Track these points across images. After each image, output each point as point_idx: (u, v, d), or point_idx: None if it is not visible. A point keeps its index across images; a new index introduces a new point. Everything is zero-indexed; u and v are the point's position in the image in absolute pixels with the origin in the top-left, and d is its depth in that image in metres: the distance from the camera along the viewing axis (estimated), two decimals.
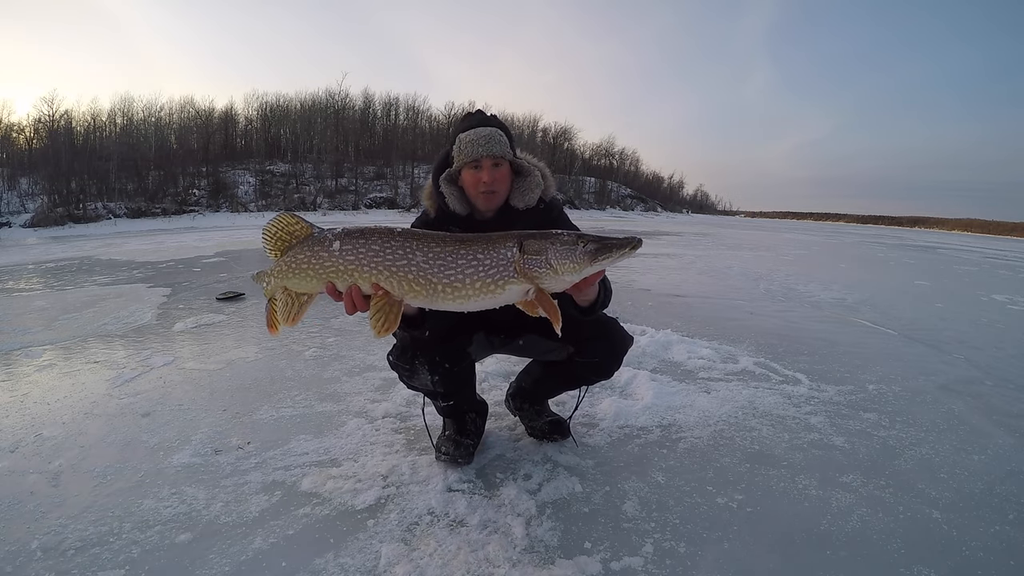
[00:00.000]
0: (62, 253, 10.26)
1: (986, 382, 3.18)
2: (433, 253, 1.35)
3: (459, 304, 1.37)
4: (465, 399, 1.97)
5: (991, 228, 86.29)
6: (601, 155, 70.60)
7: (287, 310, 1.45)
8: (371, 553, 1.47)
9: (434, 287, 1.35)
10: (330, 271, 1.38)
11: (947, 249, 19.18)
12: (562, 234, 1.35)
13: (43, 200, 24.17)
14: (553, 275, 1.33)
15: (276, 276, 1.44)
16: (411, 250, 1.35)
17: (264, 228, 1.46)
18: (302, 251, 1.40)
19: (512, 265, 1.34)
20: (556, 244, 1.33)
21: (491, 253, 1.35)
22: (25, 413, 2.36)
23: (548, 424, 2.13)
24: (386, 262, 1.35)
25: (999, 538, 1.65)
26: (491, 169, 1.70)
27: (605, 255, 1.32)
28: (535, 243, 1.34)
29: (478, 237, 1.38)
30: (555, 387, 2.16)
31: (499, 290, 1.35)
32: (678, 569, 1.45)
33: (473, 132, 1.71)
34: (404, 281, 1.35)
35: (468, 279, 1.34)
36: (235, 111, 40.90)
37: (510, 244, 1.35)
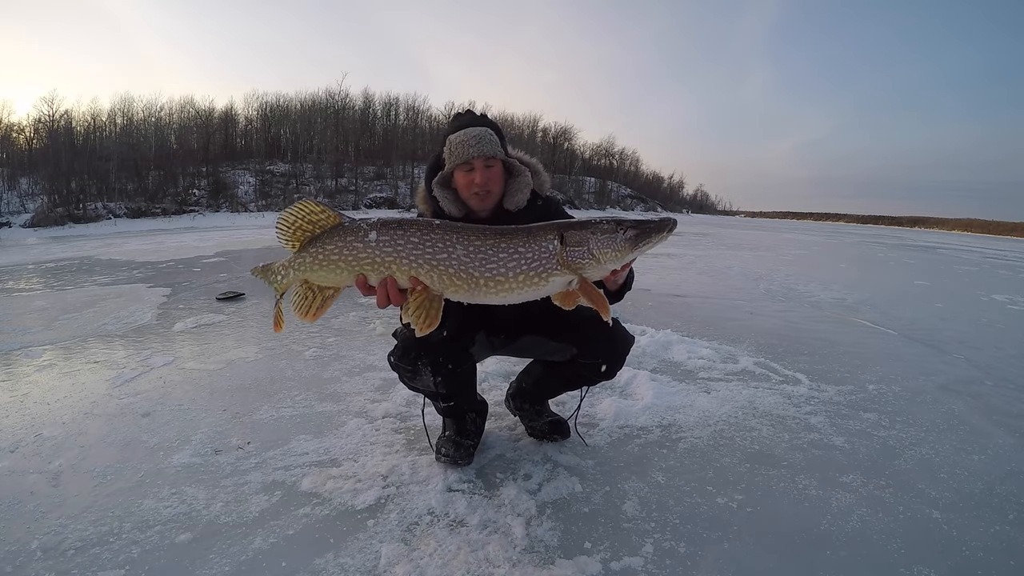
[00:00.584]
0: (62, 253, 10.26)
1: (986, 382, 3.18)
2: (474, 247, 1.32)
3: (501, 298, 1.36)
4: (466, 399, 1.96)
5: (991, 228, 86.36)
6: (601, 155, 70.63)
7: (306, 303, 1.38)
8: (371, 553, 1.47)
9: (476, 281, 1.33)
10: (365, 263, 1.33)
11: (947, 249, 19.18)
12: (601, 223, 1.34)
13: (43, 200, 24.17)
14: (596, 264, 1.32)
15: (297, 268, 1.37)
16: (451, 243, 1.32)
17: (281, 216, 1.37)
18: (332, 241, 1.33)
19: (555, 257, 1.33)
20: (597, 233, 1.32)
21: (532, 246, 1.33)
22: (25, 413, 2.36)
23: (548, 424, 2.12)
24: (426, 255, 1.31)
25: (999, 538, 1.65)
26: (483, 170, 1.67)
27: (645, 240, 1.32)
28: (576, 234, 1.33)
29: (518, 230, 1.36)
30: (556, 388, 2.14)
31: (543, 282, 1.34)
32: (678, 569, 1.45)
33: (463, 133, 1.67)
34: (445, 275, 1.32)
35: (511, 272, 1.33)
36: (235, 111, 40.91)
37: (551, 236, 1.34)
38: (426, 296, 1.33)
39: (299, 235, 1.36)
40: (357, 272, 1.34)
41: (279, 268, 1.41)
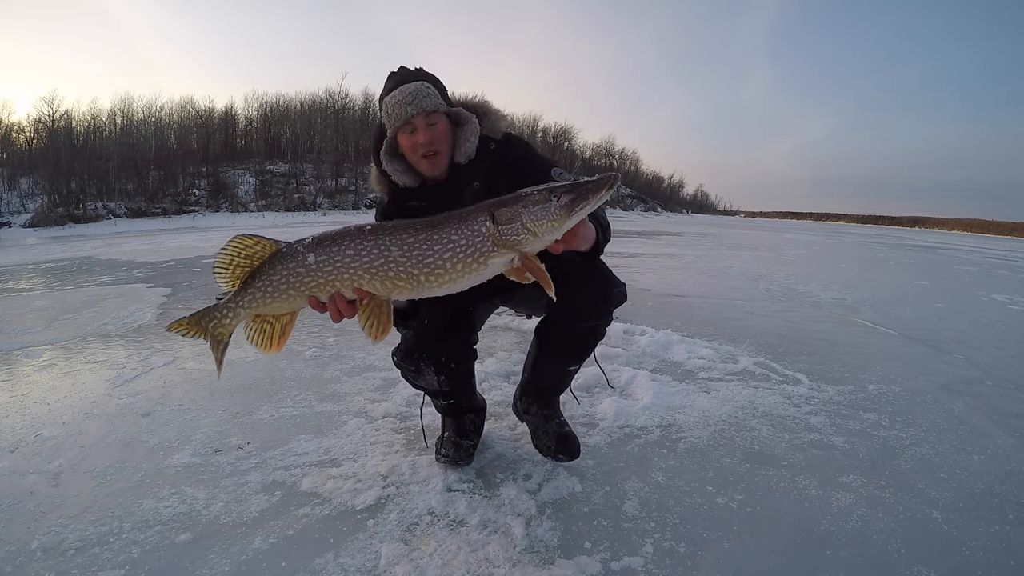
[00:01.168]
0: (62, 253, 10.27)
1: (986, 382, 3.18)
2: (407, 245, 1.29)
3: (446, 289, 1.33)
4: (465, 397, 1.96)
5: (991, 228, 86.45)
6: (601, 155, 70.66)
7: (267, 335, 1.36)
8: (371, 553, 1.47)
9: (416, 279, 1.31)
10: (311, 286, 1.31)
11: (947, 249, 19.18)
12: (532, 193, 1.27)
13: (43, 200, 24.17)
14: (534, 238, 1.27)
15: (248, 306, 1.33)
16: (385, 246, 1.29)
17: (218, 259, 1.33)
18: (275, 271, 1.31)
19: (489, 238, 1.29)
20: (529, 206, 1.26)
21: (464, 231, 1.29)
22: (25, 413, 2.36)
23: (556, 439, 1.92)
24: (364, 265, 1.29)
25: (999, 538, 1.65)
26: (426, 128, 1.55)
27: (582, 203, 1.25)
28: (507, 210, 1.27)
29: (448, 217, 1.32)
30: (555, 364, 1.91)
31: (482, 267, 1.31)
32: (678, 569, 1.45)
33: (397, 91, 1.54)
34: (386, 279, 1.30)
35: (448, 263, 1.30)
36: (235, 111, 40.92)
37: (481, 218, 1.29)
38: (373, 304, 1.32)
39: (239, 272, 1.33)
40: (307, 296, 1.32)
41: (224, 310, 1.34)
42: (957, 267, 11.45)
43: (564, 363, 1.91)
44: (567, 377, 1.96)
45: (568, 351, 1.85)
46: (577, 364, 1.90)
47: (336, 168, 38.53)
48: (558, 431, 1.92)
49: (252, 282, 1.32)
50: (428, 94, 1.54)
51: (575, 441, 1.92)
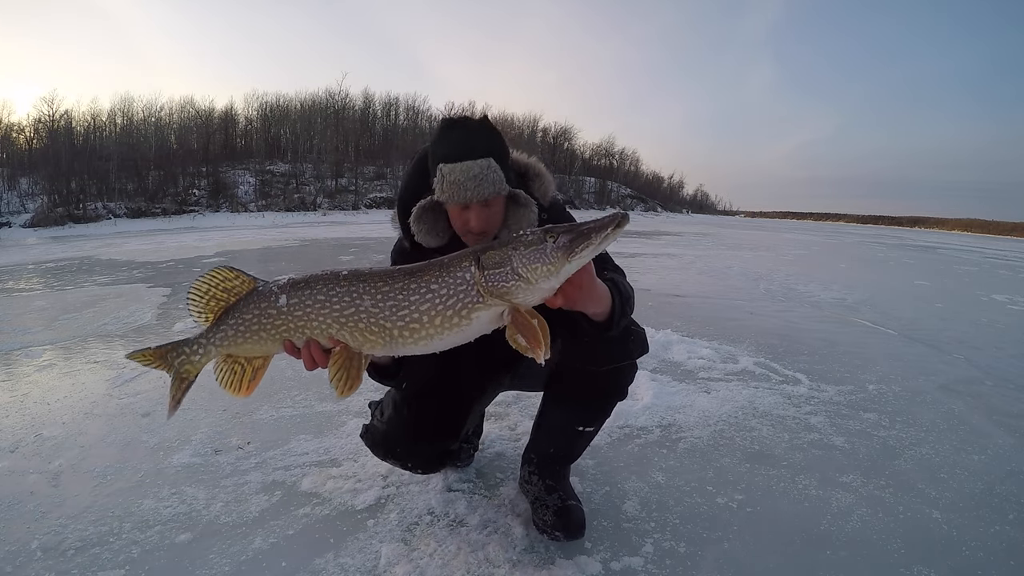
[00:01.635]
0: (62, 253, 10.26)
1: (986, 382, 3.18)
2: (382, 294, 1.16)
3: (423, 346, 1.18)
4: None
5: (991, 228, 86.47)
6: (601, 155, 70.66)
7: (237, 378, 1.25)
8: (371, 553, 1.47)
9: (389, 332, 1.16)
10: (282, 329, 1.20)
11: (947, 249, 19.18)
12: (524, 234, 1.13)
13: (43, 200, 24.17)
14: (526, 286, 1.10)
15: (219, 344, 1.23)
16: (358, 294, 1.17)
17: (193, 286, 1.23)
18: (248, 310, 1.21)
19: (474, 287, 1.13)
20: (520, 247, 1.11)
21: (445, 279, 1.14)
22: (25, 413, 2.36)
23: (553, 513, 1.55)
24: (334, 313, 1.18)
25: (999, 538, 1.65)
26: (480, 212, 1.35)
27: (583, 244, 1.07)
28: (495, 254, 1.12)
29: (430, 265, 1.17)
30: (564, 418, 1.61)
31: (464, 321, 1.14)
32: (678, 569, 1.45)
33: (460, 169, 1.31)
34: (356, 331, 1.18)
35: (425, 316, 1.14)
36: (235, 111, 40.97)
37: (465, 264, 1.14)
38: (345, 356, 1.20)
39: (212, 305, 1.23)
40: (280, 339, 1.22)
41: (194, 346, 1.24)
42: (957, 267, 11.45)
43: (575, 419, 1.60)
44: (579, 441, 1.65)
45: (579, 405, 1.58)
46: (591, 424, 1.61)
47: (336, 168, 38.53)
48: (558, 504, 1.57)
49: (225, 319, 1.22)
50: (493, 180, 1.32)
51: (578, 515, 1.56)
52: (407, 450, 1.56)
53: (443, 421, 1.55)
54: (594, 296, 1.22)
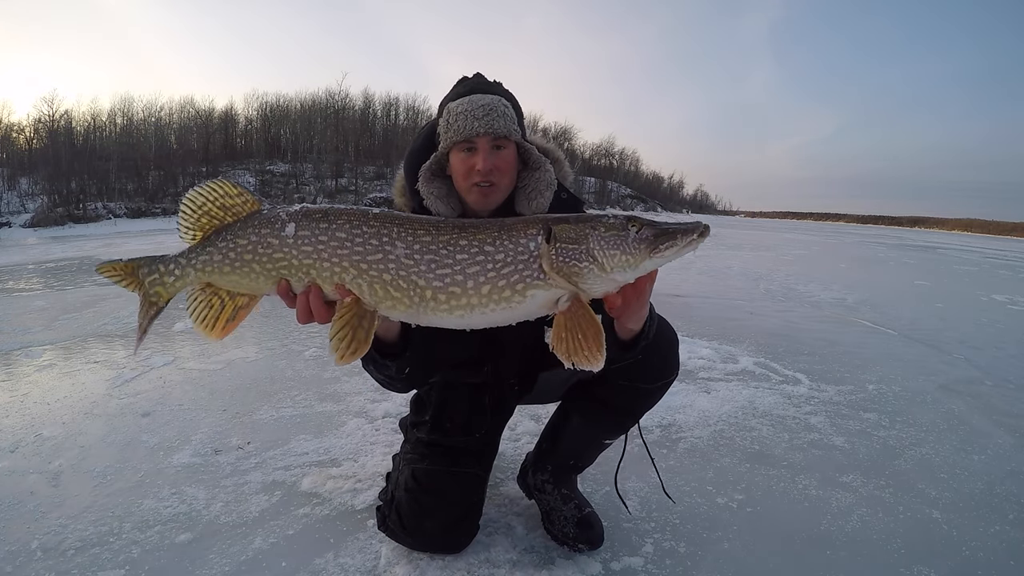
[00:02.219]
0: (62, 253, 10.26)
1: (986, 382, 3.18)
2: (421, 244, 0.98)
3: (457, 318, 1.00)
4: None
5: (991, 228, 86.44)
6: (601, 155, 70.70)
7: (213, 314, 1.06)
8: (371, 553, 1.47)
9: (420, 293, 0.98)
10: (281, 265, 1.01)
11: (947, 249, 19.18)
12: (605, 216, 1.00)
13: (43, 200, 24.16)
14: (599, 271, 0.96)
15: (200, 268, 1.04)
16: (389, 239, 0.99)
17: (187, 198, 1.04)
18: (245, 235, 1.02)
19: (537, 260, 0.97)
20: (599, 228, 0.97)
21: (504, 243, 0.98)
22: (25, 413, 2.36)
23: (575, 525, 1.51)
24: (354, 256, 0.99)
25: (999, 538, 1.65)
26: (489, 153, 1.23)
27: (668, 242, 0.96)
28: (570, 228, 0.97)
29: (486, 222, 1.02)
30: (589, 434, 1.55)
31: (517, 297, 0.98)
32: (678, 569, 1.45)
33: (467, 100, 1.24)
34: (378, 283, 0.99)
35: (471, 281, 0.97)
36: (235, 111, 40.94)
37: (532, 231, 0.99)
38: (354, 312, 1.00)
39: (204, 223, 1.05)
40: (276, 277, 1.02)
41: (170, 264, 1.06)
42: (957, 267, 11.45)
43: (603, 433, 1.54)
44: (599, 451, 1.62)
45: (613, 419, 1.49)
46: (617, 436, 1.55)
47: (336, 168, 38.54)
48: (577, 515, 1.53)
49: (214, 240, 1.03)
50: (503, 114, 1.24)
51: (598, 525, 1.53)
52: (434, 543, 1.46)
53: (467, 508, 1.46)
54: (642, 311, 1.12)
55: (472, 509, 1.47)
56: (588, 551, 1.49)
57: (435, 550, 1.45)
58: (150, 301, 1.09)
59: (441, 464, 1.45)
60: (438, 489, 1.43)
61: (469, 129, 1.22)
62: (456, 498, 1.44)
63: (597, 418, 1.50)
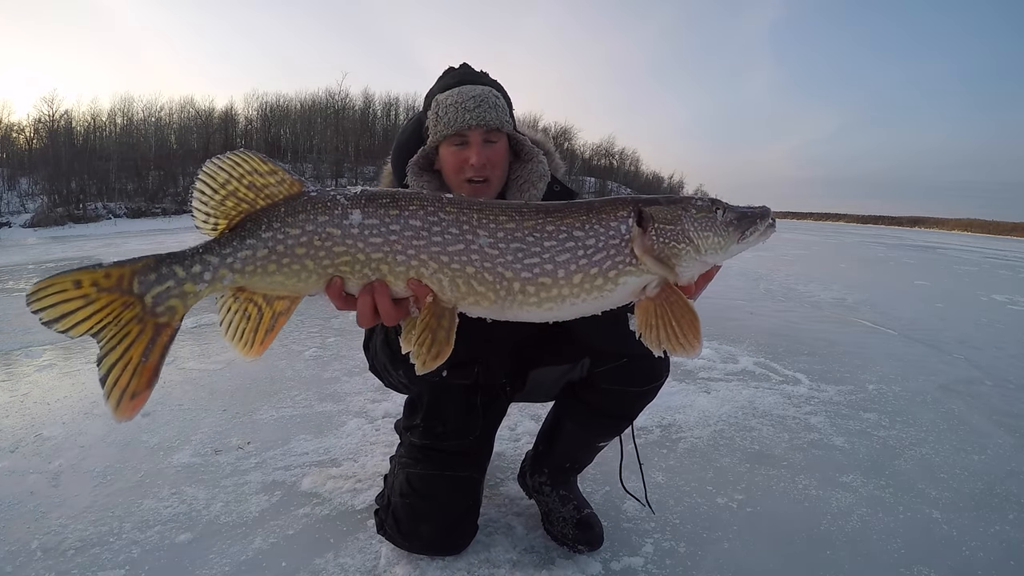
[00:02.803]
0: (62, 253, 10.26)
1: (986, 382, 3.18)
2: (505, 232, 0.89)
3: (546, 311, 0.93)
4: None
5: (991, 228, 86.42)
6: (601, 155, 70.69)
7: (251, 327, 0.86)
8: (371, 553, 1.47)
9: (507, 286, 0.90)
10: (342, 260, 0.87)
11: (947, 249, 19.18)
12: (691, 198, 0.96)
13: (43, 200, 24.17)
14: (695, 254, 0.92)
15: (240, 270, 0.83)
16: (471, 227, 0.88)
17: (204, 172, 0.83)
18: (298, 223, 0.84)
19: (628, 245, 0.91)
20: (691, 210, 0.93)
21: (595, 227, 0.90)
22: (25, 413, 2.36)
23: (574, 526, 1.50)
24: (433, 247, 0.87)
25: (999, 538, 1.65)
26: (481, 146, 1.21)
27: (751, 227, 0.94)
28: (664, 209, 0.92)
29: (571, 205, 0.94)
30: (584, 437, 1.55)
31: (609, 285, 0.92)
32: (678, 569, 1.45)
33: (456, 92, 1.21)
34: (461, 277, 0.88)
35: (562, 271, 0.90)
36: (235, 111, 40.94)
37: (623, 213, 0.92)
38: (434, 312, 0.89)
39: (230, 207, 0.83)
40: (331, 274, 0.88)
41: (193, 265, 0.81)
42: (957, 267, 11.45)
43: (595, 437, 1.54)
44: (594, 453, 1.63)
45: (605, 423, 1.49)
46: (610, 439, 1.56)
47: (336, 168, 38.58)
48: (576, 516, 1.52)
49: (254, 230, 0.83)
50: (495, 105, 1.22)
51: (598, 527, 1.52)
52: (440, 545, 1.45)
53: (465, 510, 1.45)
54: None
55: (468, 512, 1.47)
56: (587, 552, 1.49)
57: (433, 553, 1.45)
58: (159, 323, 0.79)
59: (435, 468, 1.44)
60: (433, 494, 1.42)
61: (461, 122, 1.18)
62: (451, 502, 1.43)
63: (589, 422, 1.49)
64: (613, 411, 1.44)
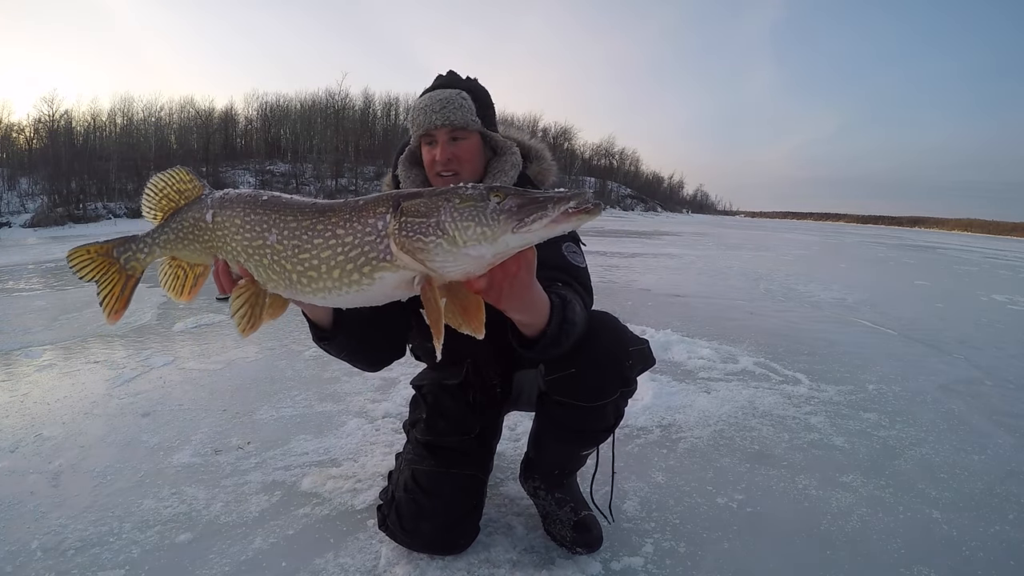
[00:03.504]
0: (62, 253, 10.24)
1: (986, 382, 3.18)
2: (288, 231, 1.02)
3: (323, 300, 1.02)
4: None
5: (991, 228, 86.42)
6: (601, 155, 70.72)
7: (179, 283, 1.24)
8: (371, 553, 1.47)
9: (289, 276, 1.03)
10: (208, 245, 1.14)
11: (947, 249, 19.19)
12: (464, 185, 0.91)
13: (43, 200, 24.17)
14: (448, 247, 0.87)
15: (163, 245, 1.21)
16: (267, 226, 1.04)
17: (151, 182, 1.20)
18: (187, 217, 1.17)
19: (384, 240, 0.92)
20: (453, 199, 0.88)
21: (354, 225, 0.95)
22: (25, 413, 2.36)
23: (571, 528, 1.50)
24: (244, 241, 1.07)
25: (999, 538, 1.65)
26: (447, 144, 1.33)
27: (536, 215, 0.82)
28: (422, 202, 0.90)
29: (344, 204, 1.00)
30: (563, 447, 1.52)
31: (366, 280, 0.95)
32: (678, 569, 1.45)
33: (428, 96, 1.35)
34: (261, 266, 1.06)
35: (324, 265, 0.98)
36: (235, 111, 41.00)
37: (381, 209, 0.94)
38: (251, 291, 1.10)
39: (164, 204, 1.21)
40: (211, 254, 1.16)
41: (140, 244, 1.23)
42: (957, 267, 11.45)
43: (575, 447, 1.51)
44: (581, 461, 1.59)
45: (575, 435, 1.44)
46: (593, 446, 1.52)
47: (336, 168, 38.57)
48: (573, 518, 1.51)
49: (169, 222, 1.20)
50: (459, 105, 1.33)
51: (595, 528, 1.51)
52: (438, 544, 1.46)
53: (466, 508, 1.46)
54: (526, 298, 1.01)
55: (471, 511, 1.47)
56: (586, 554, 1.48)
57: (433, 551, 1.45)
58: (127, 275, 1.25)
59: (439, 465, 1.46)
60: (436, 491, 1.43)
61: (428, 122, 1.33)
62: (454, 500, 1.44)
63: (559, 434, 1.46)
64: (572, 425, 1.38)
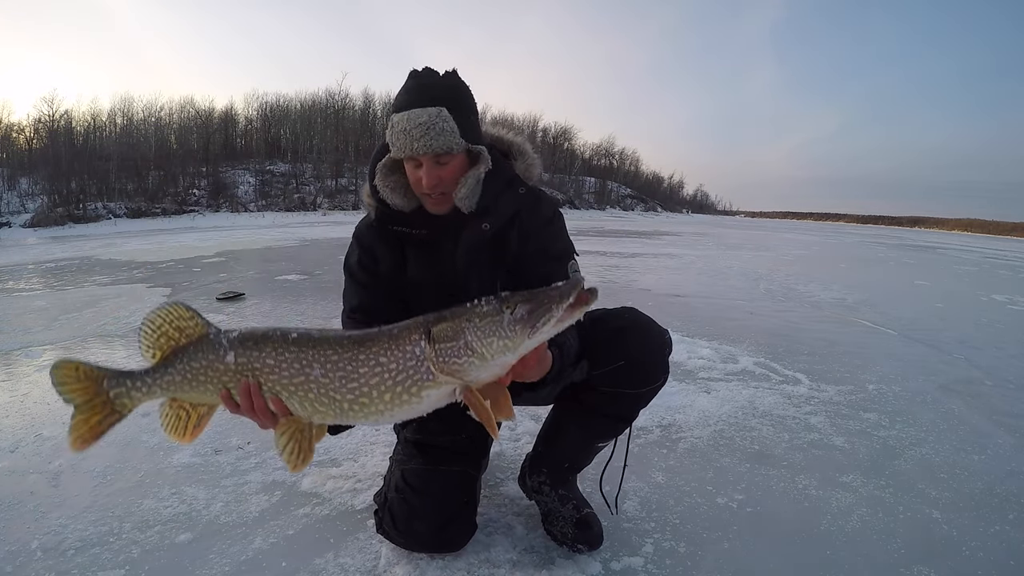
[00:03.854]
0: (62, 253, 10.26)
1: (986, 382, 3.18)
2: (331, 364, 1.08)
3: (375, 420, 1.11)
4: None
5: (991, 228, 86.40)
6: (601, 155, 70.71)
7: (182, 424, 1.20)
8: (371, 553, 1.47)
9: (339, 405, 1.09)
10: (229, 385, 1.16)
11: (947, 249, 19.19)
12: (478, 304, 1.02)
13: (43, 200, 24.19)
14: (480, 363, 1.02)
15: (166, 387, 1.17)
16: (307, 362, 1.09)
17: (147, 319, 1.16)
18: (197, 358, 1.14)
19: (424, 363, 1.04)
20: (474, 319, 1.01)
21: (395, 353, 1.06)
22: (25, 413, 2.36)
23: (573, 526, 1.51)
24: (283, 379, 1.10)
25: (999, 538, 1.65)
26: (433, 169, 1.29)
27: (544, 316, 0.97)
28: (447, 326, 1.03)
29: (379, 333, 1.09)
30: (582, 437, 1.55)
31: (414, 400, 1.07)
32: (678, 569, 1.45)
33: (407, 117, 1.26)
34: (306, 400, 1.11)
35: (375, 391, 1.07)
36: (235, 111, 41.00)
37: (415, 337, 1.06)
38: (294, 426, 1.13)
39: (163, 342, 1.17)
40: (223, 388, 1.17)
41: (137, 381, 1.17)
42: (957, 267, 11.46)
43: (594, 437, 1.56)
44: (593, 454, 1.63)
45: (604, 424, 1.51)
46: (609, 440, 1.57)
47: (336, 168, 38.58)
48: (575, 516, 1.52)
49: (174, 362, 1.16)
50: (442, 130, 1.25)
51: (597, 526, 1.52)
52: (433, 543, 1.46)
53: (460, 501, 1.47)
54: (538, 374, 1.16)
55: (464, 508, 1.46)
56: (587, 551, 1.49)
57: (429, 550, 1.45)
58: (112, 410, 1.17)
59: (428, 463, 1.46)
60: (426, 489, 1.43)
61: (410, 149, 1.27)
62: (445, 497, 1.44)
63: (588, 422, 1.51)
64: (610, 412, 1.48)
